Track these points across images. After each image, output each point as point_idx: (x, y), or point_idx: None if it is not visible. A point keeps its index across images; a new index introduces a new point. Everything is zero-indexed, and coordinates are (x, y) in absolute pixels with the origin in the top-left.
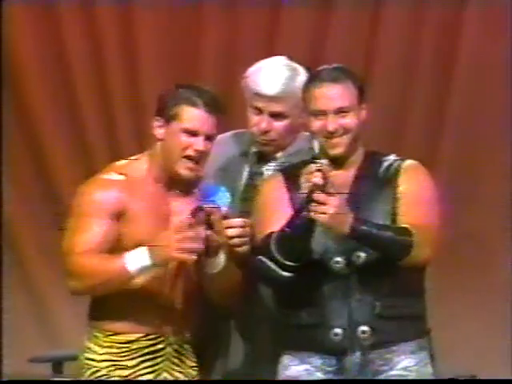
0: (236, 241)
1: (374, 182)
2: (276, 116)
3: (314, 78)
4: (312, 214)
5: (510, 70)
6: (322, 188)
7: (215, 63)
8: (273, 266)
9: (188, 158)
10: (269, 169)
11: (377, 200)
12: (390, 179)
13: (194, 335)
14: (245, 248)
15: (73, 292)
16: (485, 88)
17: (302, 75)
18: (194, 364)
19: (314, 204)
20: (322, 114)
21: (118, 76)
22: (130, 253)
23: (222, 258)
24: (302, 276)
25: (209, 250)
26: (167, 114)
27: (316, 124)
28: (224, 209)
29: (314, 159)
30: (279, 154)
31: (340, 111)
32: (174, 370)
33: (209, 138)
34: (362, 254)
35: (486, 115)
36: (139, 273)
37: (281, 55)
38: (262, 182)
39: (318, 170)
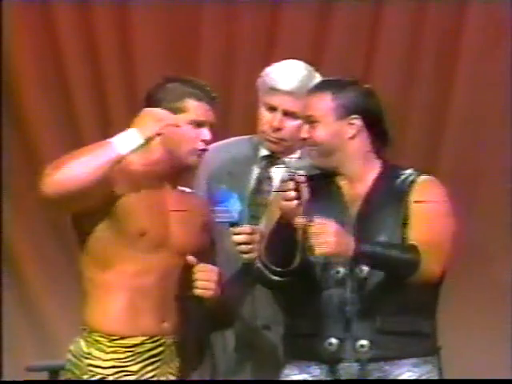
0: (243, 247)
1: (387, 195)
2: (289, 115)
3: None
4: (313, 249)
5: (510, 74)
6: (296, 198)
7: (214, 62)
8: (264, 270)
9: (195, 149)
10: (277, 173)
11: (388, 213)
12: (403, 193)
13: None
14: (251, 255)
15: (47, 189)
16: (485, 93)
17: (318, 79)
18: (179, 365)
19: (311, 237)
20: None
21: (115, 75)
22: (117, 137)
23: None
24: (301, 284)
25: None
26: (169, 108)
27: None
28: (235, 215)
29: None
30: (287, 159)
31: (309, 120)
32: (168, 372)
33: (211, 128)
34: (365, 268)
35: (486, 120)
36: (129, 153)
37: (280, 55)
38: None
39: (291, 180)
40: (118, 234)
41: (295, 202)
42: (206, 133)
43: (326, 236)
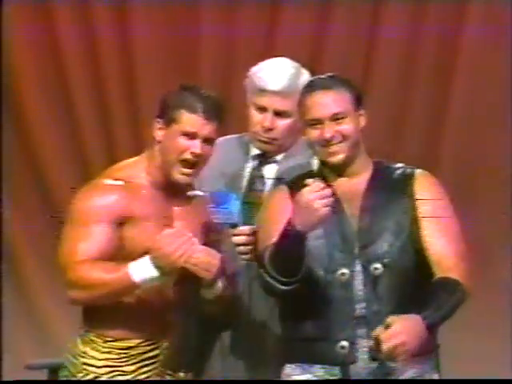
0: (242, 248)
1: (386, 193)
2: (279, 114)
3: (306, 89)
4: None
5: (510, 74)
6: (331, 203)
7: (214, 63)
8: (270, 280)
9: (184, 161)
10: (270, 171)
11: (391, 211)
12: (403, 189)
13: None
14: (250, 256)
15: (73, 302)
16: (485, 93)
17: (305, 75)
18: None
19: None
20: (318, 122)
21: (115, 75)
22: (134, 263)
23: (219, 286)
24: (307, 288)
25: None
26: (167, 117)
27: (313, 133)
28: (235, 216)
29: (312, 176)
30: (279, 157)
31: (335, 117)
32: (167, 374)
33: (207, 141)
34: (380, 266)
35: (486, 120)
36: (144, 283)
37: (280, 56)
38: (267, 194)
39: (326, 187)
40: (122, 249)
41: (329, 208)
42: (196, 145)
43: (404, 348)
